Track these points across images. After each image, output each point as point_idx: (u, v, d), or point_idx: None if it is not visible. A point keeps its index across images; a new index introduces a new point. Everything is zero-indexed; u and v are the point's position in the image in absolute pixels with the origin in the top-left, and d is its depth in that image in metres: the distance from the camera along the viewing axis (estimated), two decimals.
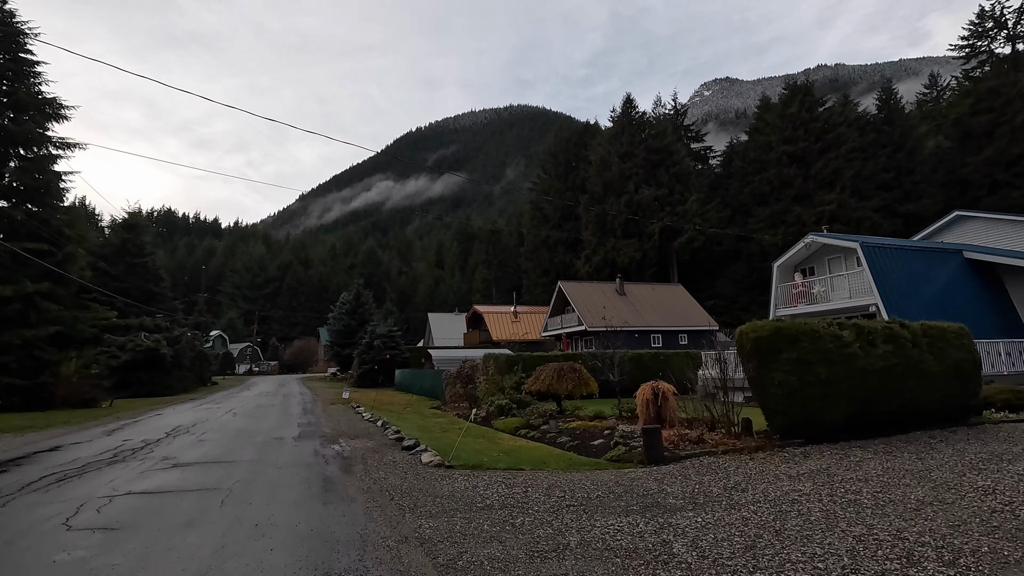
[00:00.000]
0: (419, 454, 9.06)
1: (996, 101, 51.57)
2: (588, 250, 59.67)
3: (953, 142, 56.19)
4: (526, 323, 50.20)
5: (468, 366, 20.24)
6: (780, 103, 56.31)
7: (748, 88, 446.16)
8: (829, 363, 8.84)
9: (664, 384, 11.66)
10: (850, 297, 21.25)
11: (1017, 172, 49.73)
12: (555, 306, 41.51)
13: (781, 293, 23.93)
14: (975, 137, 52.85)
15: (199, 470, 8.01)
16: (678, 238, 54.96)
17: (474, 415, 17.24)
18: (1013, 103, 50.51)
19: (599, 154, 61.37)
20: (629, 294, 40.69)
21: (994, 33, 57.27)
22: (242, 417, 17.28)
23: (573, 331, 38.05)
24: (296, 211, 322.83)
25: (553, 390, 15.24)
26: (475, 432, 13.89)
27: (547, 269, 68.88)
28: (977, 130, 52.62)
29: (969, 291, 21.17)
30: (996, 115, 51.14)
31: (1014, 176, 49.87)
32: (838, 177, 49.70)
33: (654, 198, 55.79)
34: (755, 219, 54.29)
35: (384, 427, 13.30)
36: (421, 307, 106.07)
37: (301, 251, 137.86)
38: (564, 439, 11.42)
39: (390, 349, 39.68)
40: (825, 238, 22.70)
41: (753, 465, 7.64)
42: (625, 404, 15.57)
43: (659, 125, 62.69)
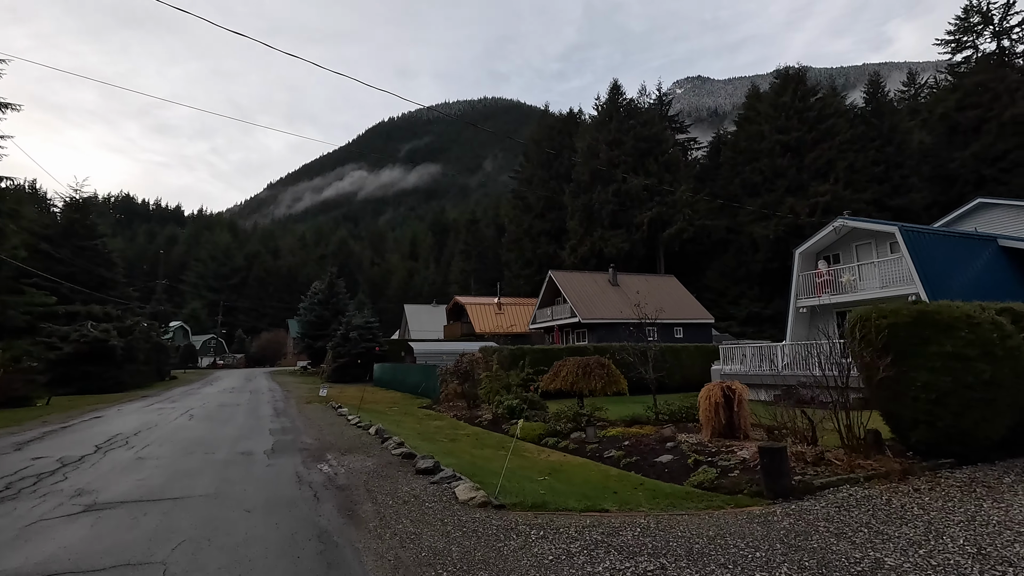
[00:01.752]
0: (447, 483, 6.55)
1: (983, 96, 51.24)
2: (574, 240, 57.54)
3: (939, 137, 55.85)
4: (511, 315, 47.82)
5: (466, 360, 17.75)
6: (772, 92, 55.05)
7: (720, 87, 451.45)
8: (992, 359, 6.70)
9: (738, 384, 9.42)
10: (882, 287, 19.51)
11: (1004, 167, 49.46)
12: (545, 297, 39.22)
13: (803, 282, 22.13)
14: (962, 132, 52.51)
15: (122, 518, 5.31)
16: (667, 229, 53.29)
17: (481, 418, 14.81)
18: (1000, 98, 50.22)
19: (586, 141, 59.22)
20: (622, 285, 38.66)
21: (980, 28, 56.99)
22: (201, 421, 14.42)
23: (565, 323, 35.83)
24: (265, 200, 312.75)
25: (578, 388, 12.88)
26: (491, 442, 11.46)
27: (530, 260, 66.55)
28: (964, 125, 52.27)
29: (1007, 279, 19.67)
30: (983, 110, 50.81)
31: (1001, 171, 49.60)
32: (832, 168, 48.64)
33: (643, 187, 53.91)
34: (746, 210, 52.93)
35: (380, 436, 10.73)
36: (394, 299, 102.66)
37: (270, 241, 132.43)
38: (613, 453, 9.08)
39: (368, 342, 36.79)
40: (856, 222, 20.94)
41: (933, 502, 5.41)
42: (658, 404, 13.35)
43: (647, 113, 60.85)
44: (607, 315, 34.85)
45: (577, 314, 34.15)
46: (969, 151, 50.83)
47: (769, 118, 53.22)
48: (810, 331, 22.44)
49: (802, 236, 49.30)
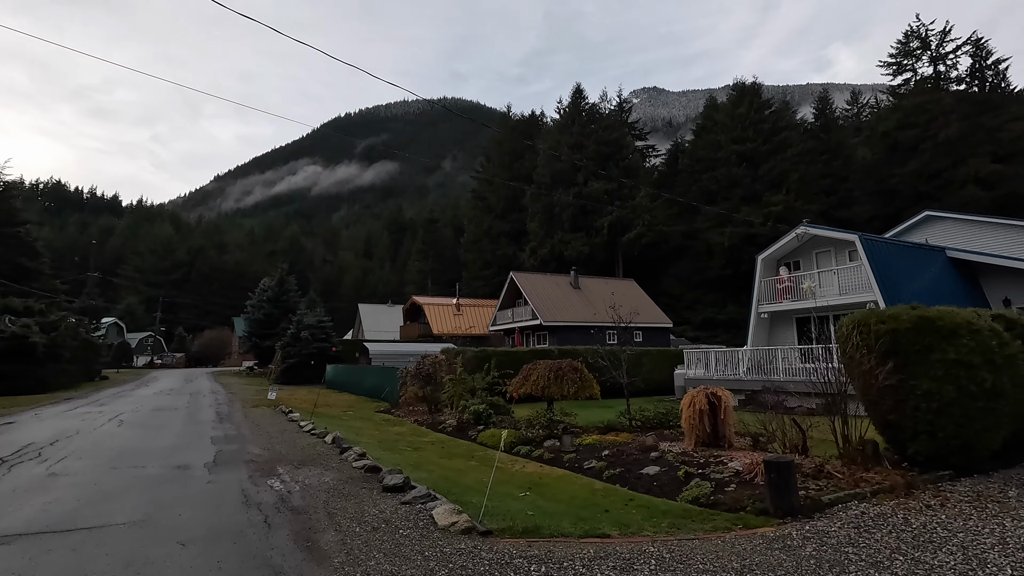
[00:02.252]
0: (421, 504, 5.74)
1: (921, 117, 54.04)
2: (534, 242, 57.27)
3: (880, 154, 58.66)
4: (470, 316, 46.94)
5: (429, 363, 16.87)
6: (729, 103, 56.47)
7: (674, 99, 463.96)
8: (993, 367, 6.47)
9: (723, 390, 9.01)
10: (840, 294, 19.87)
11: (938, 185, 52.22)
12: (506, 298, 38.59)
13: (765, 288, 22.35)
14: (901, 150, 55.22)
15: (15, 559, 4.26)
16: (627, 233, 53.71)
17: (445, 424, 13.98)
18: (936, 120, 53.10)
19: (548, 143, 59.07)
20: (583, 288, 38.51)
21: (919, 53, 60.16)
22: (131, 428, 12.97)
23: (526, 325, 35.31)
24: (211, 192, 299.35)
25: (550, 393, 12.29)
26: (459, 450, 10.68)
27: (489, 261, 65.89)
28: (903, 144, 54.97)
29: (954, 289, 20.41)
30: (921, 130, 53.56)
31: (935, 188, 52.35)
32: (785, 179, 50.23)
33: (604, 191, 54.22)
34: (703, 217, 54.00)
35: (338, 445, 9.75)
36: (347, 298, 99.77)
37: (215, 235, 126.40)
38: (594, 463, 8.48)
39: (320, 342, 35.14)
40: (817, 229, 21.32)
41: (952, 521, 5.04)
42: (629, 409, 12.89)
43: (608, 118, 61.33)
44: (569, 318, 34.55)
45: (539, 316, 33.69)
46: (908, 168, 53.45)
47: (726, 128, 54.54)
48: (770, 336, 22.70)
49: (756, 244, 50.72)
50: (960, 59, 56.86)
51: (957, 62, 56.97)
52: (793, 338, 21.83)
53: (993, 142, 50.40)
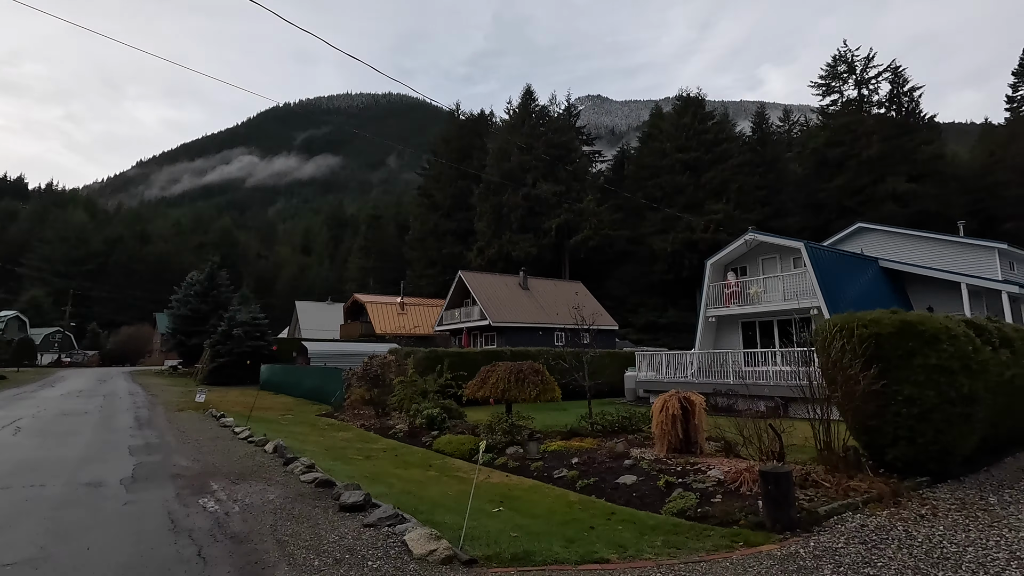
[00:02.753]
0: (388, 526, 4.99)
1: (846, 136, 57.66)
2: (482, 242, 56.63)
3: (810, 169, 62.14)
4: (414, 316, 45.67)
5: (377, 363, 15.90)
6: (675, 113, 58.06)
7: (617, 107, 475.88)
8: (970, 373, 6.47)
9: (695, 395, 8.74)
10: (785, 299, 20.46)
11: (861, 200, 55.71)
12: (453, 298, 37.73)
13: (713, 292, 22.79)
14: (829, 166, 58.67)
15: None
16: (574, 236, 54.05)
17: (395, 429, 13.12)
18: (860, 139, 56.76)
19: (498, 143, 58.66)
20: (532, 289, 38.27)
21: (845, 76, 64.04)
22: (31, 436, 11.31)
23: (474, 326, 34.61)
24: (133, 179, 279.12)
25: (511, 397, 11.71)
26: (414, 459, 9.91)
27: (434, 260, 64.64)
28: (831, 161, 58.38)
29: (886, 296, 21.50)
30: (847, 148, 57.09)
31: (858, 203, 55.82)
32: (725, 188, 52.08)
33: (553, 193, 54.36)
34: (648, 223, 55.19)
35: (281, 455, 8.75)
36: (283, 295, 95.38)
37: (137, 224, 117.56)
38: (564, 472, 7.98)
39: (255, 340, 33.01)
40: (765, 237, 21.91)
41: (954, 534, 4.86)
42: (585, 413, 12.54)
43: (558, 121, 61.63)
44: (518, 319, 34.15)
45: (487, 316, 33.08)
46: (834, 183, 56.78)
47: (671, 137, 56.03)
48: (716, 340, 23.14)
49: (698, 250, 52.35)
50: (881, 84, 61.06)
51: (878, 87, 61.15)
52: (739, 342, 22.34)
53: (908, 163, 54.35)
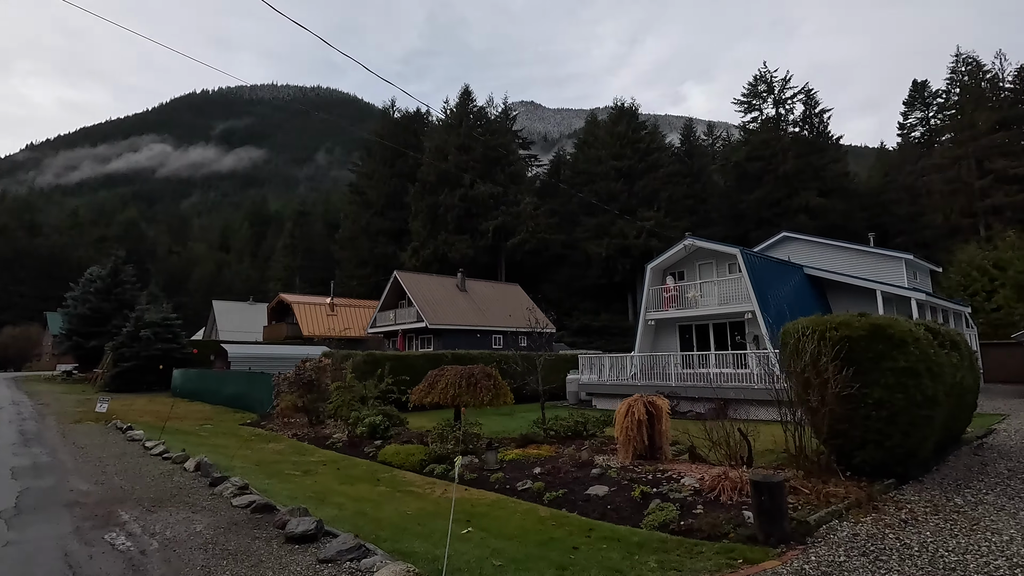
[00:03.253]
0: (351, 562, 4.24)
1: (765, 152, 61.36)
2: (416, 242, 55.27)
3: (732, 182, 65.65)
4: (345, 317, 43.70)
5: (311, 368, 14.73)
6: (610, 121, 59.43)
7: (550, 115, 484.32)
8: (932, 376, 6.59)
9: (660, 399, 8.51)
10: (720, 303, 21.11)
11: (777, 212, 59.30)
12: (388, 299, 36.36)
13: (652, 296, 23.16)
14: (749, 179, 62.17)
15: None
16: (511, 238, 53.91)
17: (332, 439, 12.10)
18: (778, 155, 60.54)
19: (435, 142, 57.58)
20: (470, 291, 37.61)
21: (765, 95, 68.12)
22: None
23: (410, 328, 33.46)
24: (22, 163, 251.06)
25: (463, 402, 11.07)
26: (358, 472, 9.07)
27: (366, 259, 62.44)
28: (751, 174, 61.86)
29: (810, 301, 22.74)
30: (765, 163, 60.67)
31: (775, 215, 59.39)
32: (657, 197, 53.82)
33: (490, 195, 53.99)
34: (582, 227, 56.04)
35: (206, 473, 7.63)
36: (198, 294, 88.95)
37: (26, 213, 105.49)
38: (529, 484, 7.47)
39: (166, 342, 30.15)
40: (703, 242, 22.51)
41: (944, 540, 4.79)
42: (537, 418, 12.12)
43: (496, 123, 61.40)
44: (456, 321, 33.39)
45: (424, 318, 32.07)
46: (754, 196, 60.17)
47: (606, 144, 57.28)
48: (655, 343, 23.53)
49: (630, 255, 53.77)
50: (796, 105, 65.53)
51: (793, 107, 65.58)
52: (676, 345, 22.82)
53: (819, 179, 58.53)
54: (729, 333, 21.61)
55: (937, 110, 65.65)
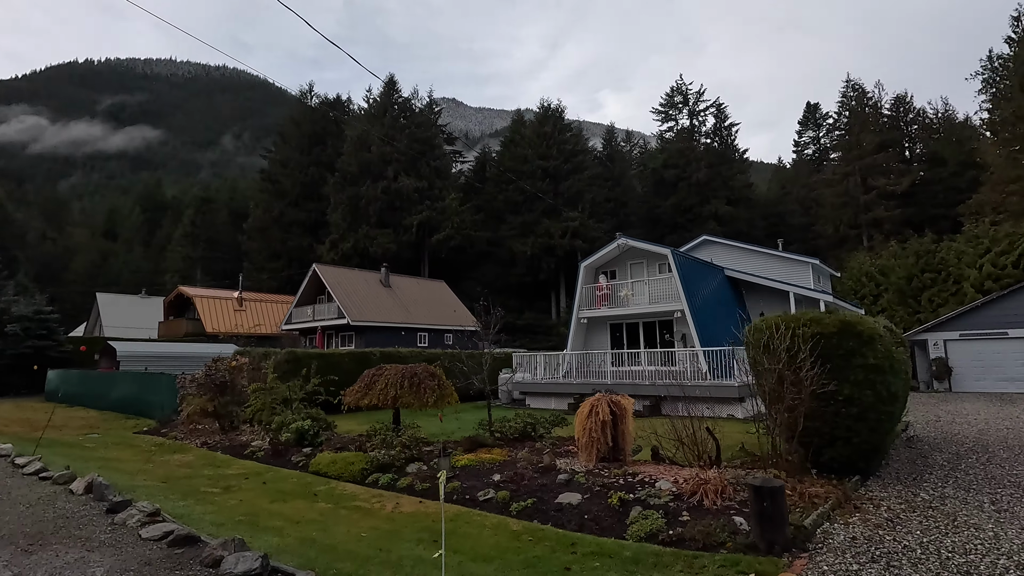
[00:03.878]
0: None
1: (680, 160, 64.47)
2: (335, 235, 52.56)
3: (650, 188, 68.47)
4: (256, 313, 40.54)
5: (224, 368, 13.14)
6: (536, 121, 59.75)
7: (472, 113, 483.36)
8: (894, 372, 6.71)
9: (624, 397, 8.16)
10: (650, 302, 21.51)
11: (690, 218, 62.43)
12: (306, 294, 34.08)
13: (585, 294, 23.21)
14: (666, 186, 65.06)
15: None
16: (436, 234, 52.65)
17: (251, 447, 10.77)
18: (691, 164, 63.78)
19: (357, 132, 55.03)
20: (395, 287, 36.15)
21: (681, 106, 71.50)
22: None
23: (330, 324, 31.53)
24: None
25: (405, 404, 10.19)
26: (288, 486, 7.99)
27: (278, 252, 58.59)
28: (667, 181, 64.76)
29: (730, 301, 23.85)
30: (680, 171, 63.70)
31: (687, 221, 62.49)
32: (581, 198, 54.76)
33: (414, 189, 52.44)
34: (508, 225, 55.90)
35: (101, 496, 6.26)
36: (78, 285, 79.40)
37: None
38: (492, 494, 6.83)
39: (40, 339, 26.29)
40: (635, 242, 22.83)
41: (936, 539, 4.73)
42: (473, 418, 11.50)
43: (422, 116, 59.78)
44: (379, 318, 31.89)
45: (346, 315, 30.33)
46: (669, 202, 63.02)
47: (533, 144, 57.52)
48: (587, 341, 23.63)
49: (555, 255, 54.32)
50: (708, 118, 69.43)
51: (706, 120, 69.46)
52: (607, 343, 23.02)
53: (727, 189, 62.30)
54: (658, 331, 22.08)
55: (827, 131, 72.27)
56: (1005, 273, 31.24)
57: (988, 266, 31.80)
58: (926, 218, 53.37)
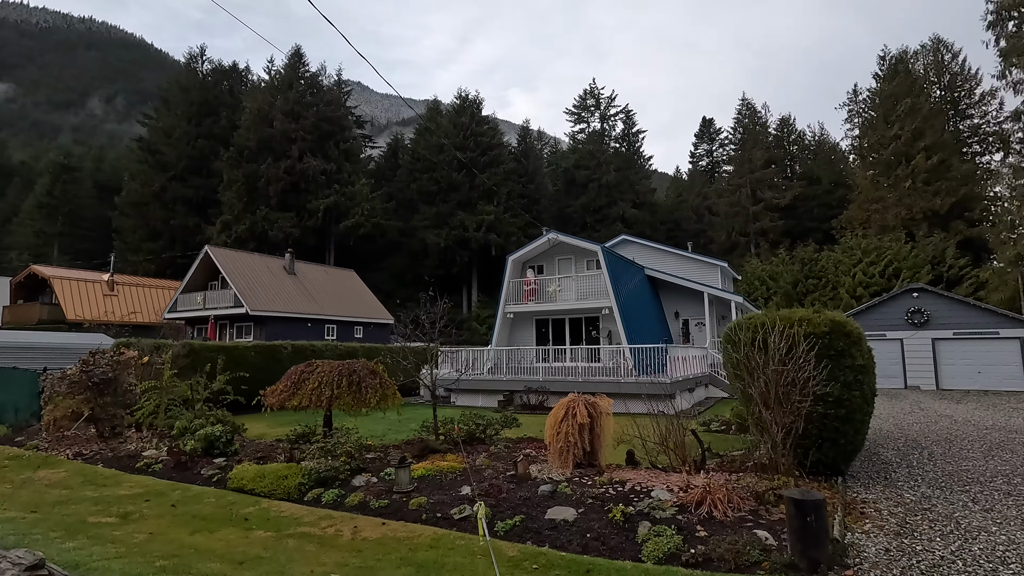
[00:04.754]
0: None
1: (591, 162, 66.29)
2: (229, 216, 47.81)
3: (561, 186, 69.74)
4: (131, 299, 35.66)
5: (106, 362, 10.93)
6: (454, 110, 58.39)
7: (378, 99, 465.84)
8: (871, 372, 6.73)
9: (602, 398, 7.60)
10: (578, 299, 21.43)
11: (598, 219, 64.36)
12: (195, 279, 30.39)
13: (513, 289, 22.63)
14: (576, 186, 66.60)
15: None
16: (344, 221, 49.64)
17: (145, 459, 8.97)
18: (602, 166, 65.78)
19: (257, 104, 50.38)
20: (300, 275, 33.37)
21: (593, 109, 73.45)
22: None
23: (226, 314, 28.32)
24: None
25: (342, 405, 8.92)
26: (210, 510, 6.59)
27: (158, 231, 52.32)
28: (578, 181, 66.33)
29: (651, 300, 24.54)
30: (591, 172, 65.47)
31: (596, 221, 64.39)
32: (497, 192, 54.30)
33: (321, 171, 49.06)
34: (421, 215, 54.13)
35: None
36: None
37: None
38: (467, 509, 5.96)
39: None
40: (565, 238, 22.59)
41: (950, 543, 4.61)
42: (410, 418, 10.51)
43: (331, 94, 56.08)
44: (284, 308, 29.23)
45: (244, 303, 27.40)
46: (579, 201, 64.56)
47: (450, 134, 56.12)
48: (511, 336, 23.12)
49: (469, 248, 53.46)
50: (618, 122, 72.00)
51: (616, 124, 72.00)
52: (533, 338, 22.68)
53: (633, 192, 64.97)
54: (584, 328, 22.09)
55: (720, 145, 77.95)
56: (873, 281, 35.20)
57: (860, 274, 35.65)
58: (803, 230, 59.25)
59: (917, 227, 42.56)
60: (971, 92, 51.79)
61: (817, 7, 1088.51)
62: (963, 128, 52.22)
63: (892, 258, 34.57)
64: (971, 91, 51.84)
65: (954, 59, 52.81)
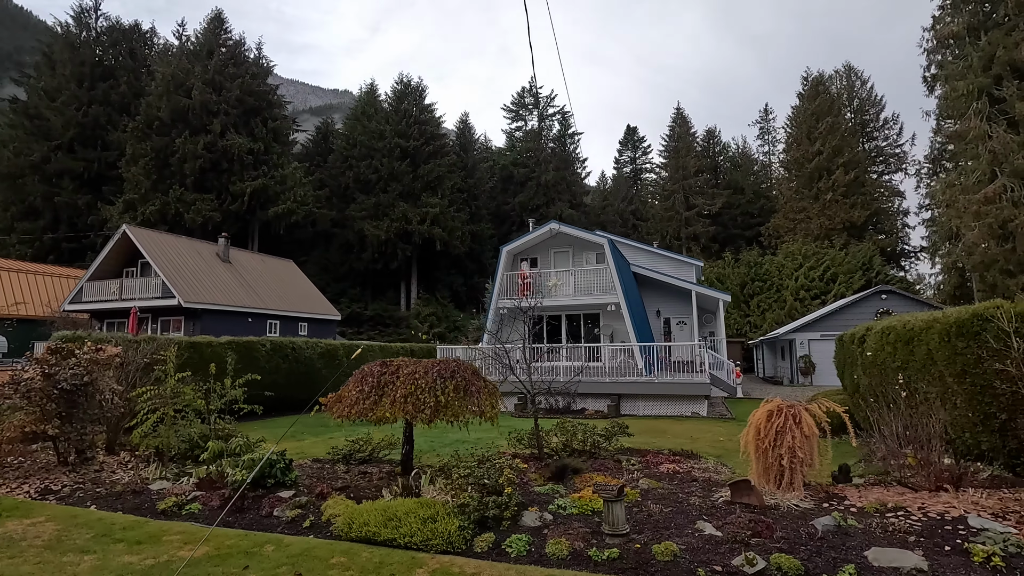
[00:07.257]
0: None
1: (529, 160, 65.77)
2: (134, 195, 41.52)
3: (499, 184, 68.58)
4: (11, 287, 29.53)
5: (76, 363, 8.00)
6: (394, 96, 55.17)
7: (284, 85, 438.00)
8: None
9: (806, 405, 6.30)
10: (576, 294, 20.22)
11: (537, 217, 63.67)
12: (108, 264, 25.52)
13: (507, 282, 20.90)
14: (514, 183, 65.77)
15: None
16: (272, 207, 44.90)
17: (151, 495, 6.47)
18: (540, 165, 65.46)
19: (171, 70, 44.23)
20: (236, 263, 29.29)
21: (531, 107, 72.98)
22: None
23: (151, 306, 23.95)
24: None
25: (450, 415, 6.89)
26: None
27: (38, 209, 44.53)
28: (516, 179, 65.57)
29: (639, 299, 23.87)
30: (529, 170, 64.95)
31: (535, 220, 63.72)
32: (440, 184, 51.92)
33: (248, 151, 44.06)
34: (358, 205, 50.44)
35: None
36: None
37: None
38: (758, 562, 4.41)
39: None
40: (567, 228, 21.21)
41: None
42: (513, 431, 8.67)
43: (257, 66, 50.69)
44: (221, 300, 25.37)
45: (177, 294, 23.33)
46: (517, 199, 63.75)
47: (391, 120, 52.90)
48: (501, 332, 21.39)
49: (411, 241, 50.49)
50: (555, 123, 72.03)
51: (553, 124, 71.99)
52: (525, 336, 21.09)
53: (569, 192, 65.27)
54: (583, 325, 20.92)
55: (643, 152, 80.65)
56: (813, 284, 37.29)
57: (802, 278, 37.65)
58: (729, 236, 62.57)
59: (837, 236, 46.05)
60: (877, 116, 57.24)
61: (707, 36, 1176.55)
62: (869, 148, 57.59)
63: (829, 263, 36.81)
64: (876, 116, 57.29)
65: (863, 85, 58.12)
